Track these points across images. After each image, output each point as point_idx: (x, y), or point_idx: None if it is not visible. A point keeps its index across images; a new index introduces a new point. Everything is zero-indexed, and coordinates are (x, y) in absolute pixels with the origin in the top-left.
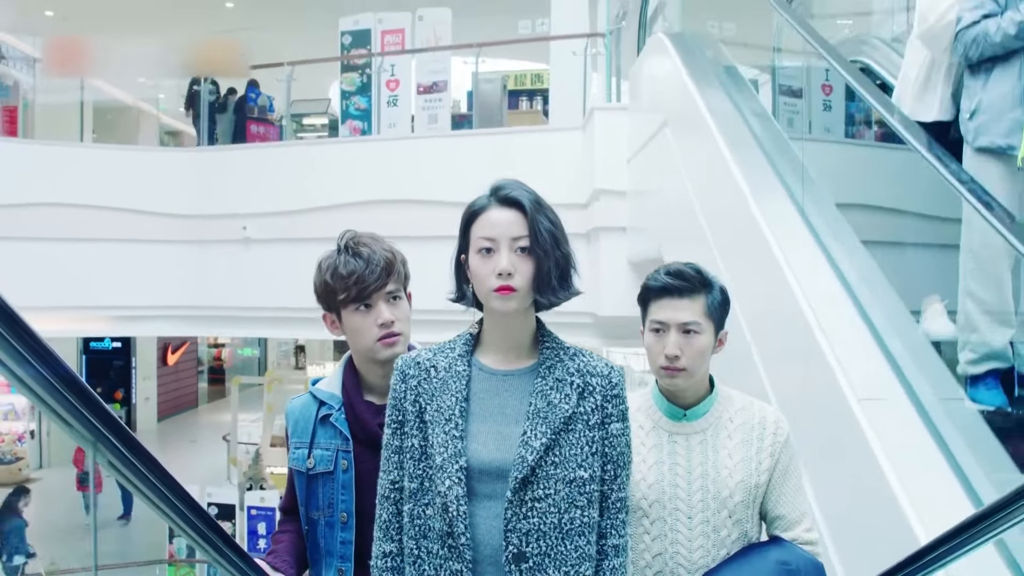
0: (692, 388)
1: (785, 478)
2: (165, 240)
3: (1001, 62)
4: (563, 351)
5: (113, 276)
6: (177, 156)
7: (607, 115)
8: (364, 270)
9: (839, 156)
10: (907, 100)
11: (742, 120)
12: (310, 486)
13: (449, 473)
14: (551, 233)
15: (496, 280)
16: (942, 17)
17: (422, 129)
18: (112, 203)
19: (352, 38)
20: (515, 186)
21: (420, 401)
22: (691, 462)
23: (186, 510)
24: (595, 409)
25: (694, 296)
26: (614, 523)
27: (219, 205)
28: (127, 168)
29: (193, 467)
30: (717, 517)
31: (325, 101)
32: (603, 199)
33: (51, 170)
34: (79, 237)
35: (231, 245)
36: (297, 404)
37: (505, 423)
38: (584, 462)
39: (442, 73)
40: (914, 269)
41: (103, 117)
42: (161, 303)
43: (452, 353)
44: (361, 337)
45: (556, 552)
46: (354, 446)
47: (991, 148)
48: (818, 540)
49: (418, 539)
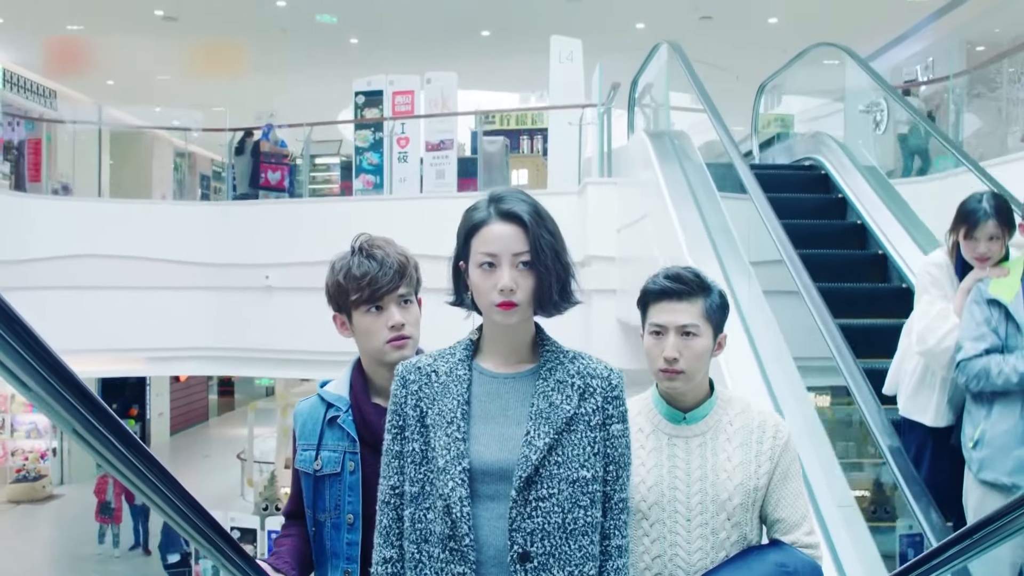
0: (692, 391)
1: (785, 481)
2: (195, 287)
3: (1003, 396)
4: (563, 354)
5: (147, 321)
6: (205, 210)
7: (599, 189)
8: (377, 272)
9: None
10: (902, 393)
11: (704, 229)
12: (317, 488)
13: (452, 475)
14: (551, 247)
15: (498, 296)
16: (941, 341)
17: (430, 183)
18: (145, 254)
19: (365, 98)
20: (515, 198)
21: (421, 405)
22: (690, 465)
23: (186, 509)
24: (596, 410)
25: (692, 299)
26: (616, 524)
27: (244, 255)
28: (159, 221)
29: (209, 484)
30: (716, 520)
31: (337, 143)
32: (595, 264)
33: (89, 224)
34: (116, 285)
35: (255, 292)
36: (305, 406)
37: (507, 424)
38: (587, 462)
39: (448, 132)
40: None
41: (119, 142)
42: (191, 345)
43: (452, 358)
44: (371, 339)
45: (560, 552)
46: (361, 448)
47: (996, 484)
48: (819, 544)
49: (419, 543)
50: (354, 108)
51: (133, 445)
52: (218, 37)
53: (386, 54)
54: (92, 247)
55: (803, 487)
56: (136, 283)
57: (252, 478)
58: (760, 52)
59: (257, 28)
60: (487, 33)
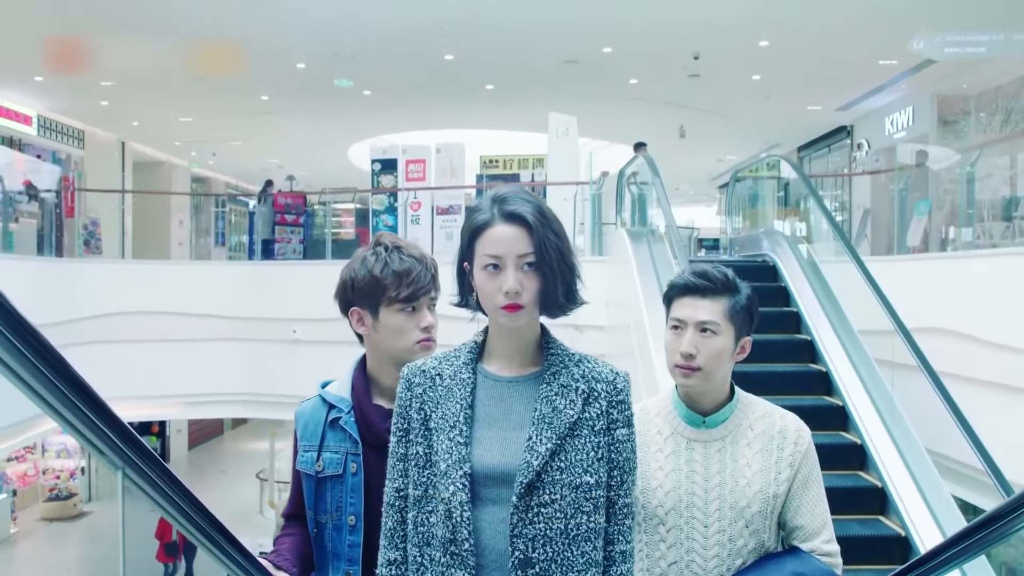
0: (711, 394)
1: (805, 488)
2: (228, 339)
3: None
4: (568, 357)
5: (184, 369)
6: (238, 269)
7: (591, 266)
8: (420, 271)
9: None
10: None
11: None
12: (319, 489)
13: (453, 479)
14: (557, 248)
15: (503, 298)
16: None
17: (440, 244)
18: (182, 309)
19: (381, 165)
20: (519, 199)
21: (425, 409)
22: (709, 470)
23: (186, 506)
24: (600, 415)
25: (716, 297)
26: (621, 529)
27: (273, 310)
28: (195, 279)
29: (229, 502)
30: (734, 527)
31: (352, 189)
32: (586, 331)
33: (130, 284)
34: (157, 338)
35: (283, 344)
36: (306, 407)
37: (510, 429)
38: (590, 468)
39: (456, 198)
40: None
41: (141, 170)
42: (224, 390)
43: (457, 361)
44: (401, 338)
45: (562, 558)
46: (363, 449)
47: None
48: (837, 552)
49: (421, 547)
50: (371, 175)
51: (119, 427)
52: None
53: (396, 101)
54: (134, 305)
55: (823, 494)
56: (173, 336)
57: (273, 500)
58: (745, 98)
59: (277, 84)
60: (491, 87)
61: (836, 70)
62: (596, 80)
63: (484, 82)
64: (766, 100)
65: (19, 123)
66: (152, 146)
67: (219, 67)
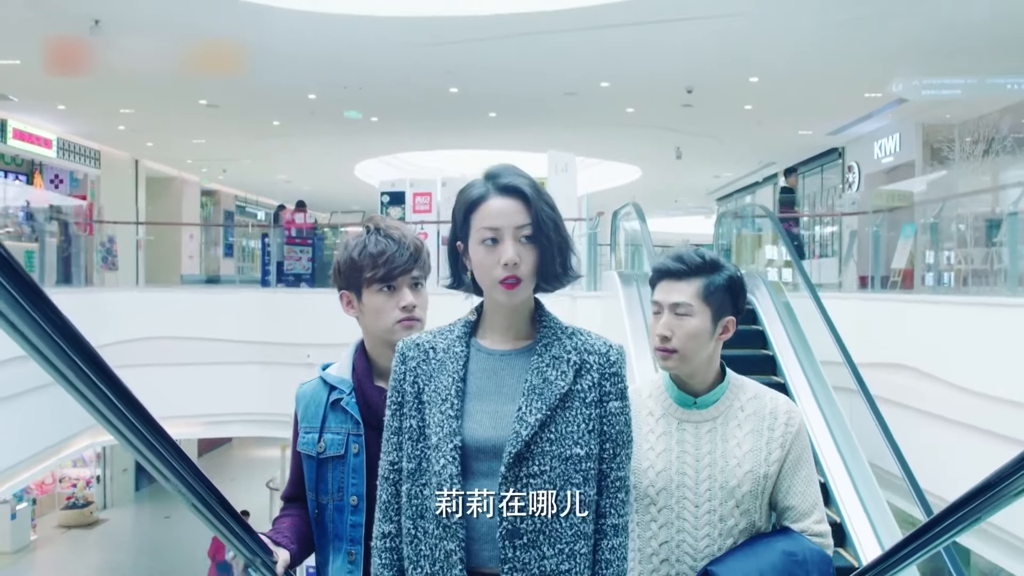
0: (699, 375)
1: (796, 469)
2: (244, 362)
3: None
4: (561, 330)
5: (203, 391)
6: (255, 295)
7: (587, 302)
8: (394, 251)
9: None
10: None
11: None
12: (320, 470)
13: (444, 452)
14: (552, 220)
15: (502, 271)
16: None
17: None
18: (203, 334)
19: (390, 197)
20: (511, 172)
21: (418, 382)
22: (700, 451)
23: (187, 474)
24: (592, 387)
25: (690, 279)
26: (613, 502)
27: (287, 335)
28: (215, 306)
29: (239, 508)
30: (724, 507)
31: (360, 213)
32: None
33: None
34: (178, 362)
35: (297, 368)
36: (307, 389)
37: (501, 402)
38: (580, 440)
39: None
40: None
41: (153, 185)
42: (240, 411)
43: (451, 335)
44: (381, 318)
45: (551, 529)
46: (365, 430)
47: None
48: (828, 532)
49: (415, 519)
50: (380, 206)
51: (118, 387)
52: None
53: (403, 127)
54: (159, 330)
55: (815, 475)
56: (192, 360)
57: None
58: (738, 124)
59: (288, 111)
60: (493, 115)
61: (824, 101)
62: (594, 110)
63: (487, 110)
64: (758, 126)
65: (40, 146)
66: (165, 163)
67: (220, 67)
